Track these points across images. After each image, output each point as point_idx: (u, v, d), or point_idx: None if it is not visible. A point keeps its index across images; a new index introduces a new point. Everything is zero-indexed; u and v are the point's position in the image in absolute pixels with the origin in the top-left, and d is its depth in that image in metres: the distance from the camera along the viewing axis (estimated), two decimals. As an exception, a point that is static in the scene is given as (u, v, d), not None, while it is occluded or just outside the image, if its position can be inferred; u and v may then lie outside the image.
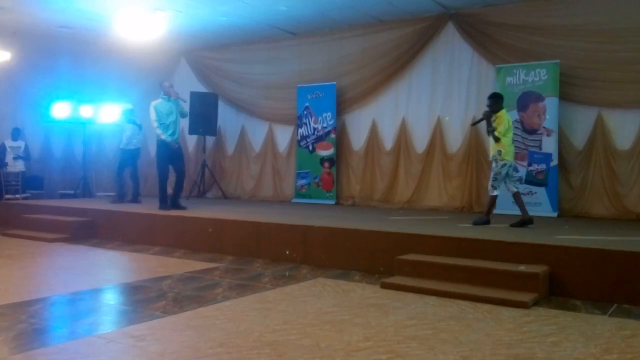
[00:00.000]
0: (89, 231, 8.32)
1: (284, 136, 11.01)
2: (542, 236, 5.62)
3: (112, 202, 9.66)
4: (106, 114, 11.84)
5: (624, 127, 7.82)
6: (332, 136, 10.14)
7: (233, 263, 6.38)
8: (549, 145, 8.07)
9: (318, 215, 7.91)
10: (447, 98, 9.10)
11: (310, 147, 10.37)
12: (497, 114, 6.54)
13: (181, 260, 6.62)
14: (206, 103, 11.14)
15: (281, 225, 6.72)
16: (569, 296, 4.71)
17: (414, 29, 9.39)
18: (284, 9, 9.08)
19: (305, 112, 10.41)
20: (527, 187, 8.16)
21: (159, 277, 5.53)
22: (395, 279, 5.18)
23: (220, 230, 7.18)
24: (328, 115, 10.15)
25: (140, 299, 4.64)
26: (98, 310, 4.44)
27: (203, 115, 11.00)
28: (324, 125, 10.20)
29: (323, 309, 4.30)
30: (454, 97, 9.08)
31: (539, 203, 8.05)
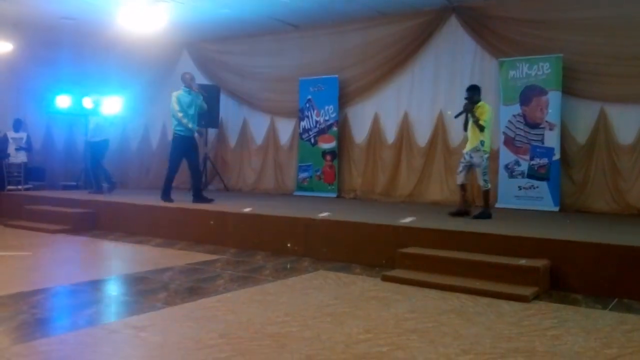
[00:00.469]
0: (91, 222, 8.35)
1: (286, 129, 11.00)
2: (543, 230, 5.62)
3: (107, 192, 9.76)
4: (108, 106, 11.83)
5: (627, 122, 7.79)
6: (334, 129, 10.12)
7: (235, 255, 6.40)
8: (552, 139, 8.05)
9: (320, 208, 7.91)
10: (450, 92, 9.07)
11: (312, 140, 10.37)
12: (478, 105, 6.57)
13: (183, 252, 6.64)
14: (208, 95, 11.06)
15: (283, 217, 6.73)
16: (570, 290, 4.72)
17: (417, 22, 9.35)
18: (287, 1, 9.05)
19: (307, 105, 10.40)
20: (529, 182, 8.15)
21: (161, 269, 5.55)
22: (396, 272, 5.19)
23: (222, 222, 7.19)
24: (330, 108, 10.14)
25: (141, 290, 4.66)
26: (100, 301, 4.46)
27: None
28: (326, 118, 10.19)
29: (324, 302, 4.31)
30: (457, 91, 9.01)
31: (541, 197, 8.05)
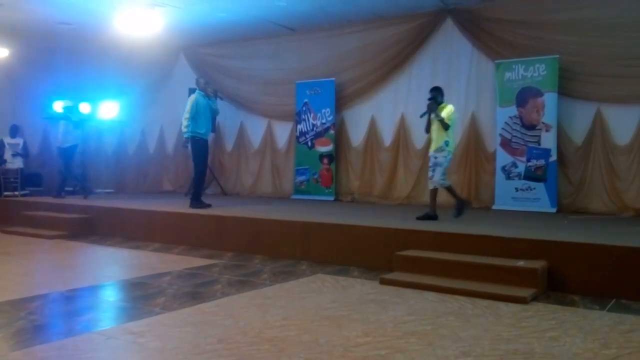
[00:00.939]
0: (88, 228, 8.33)
1: (283, 132, 11.01)
2: (541, 231, 5.63)
3: (85, 197, 10.00)
4: (105, 111, 11.84)
5: (623, 123, 7.82)
6: (331, 132, 10.13)
7: (232, 259, 6.39)
8: (548, 140, 8.07)
9: (317, 211, 7.91)
10: (446, 94, 8.96)
11: (309, 144, 10.37)
12: (442, 105, 6.67)
13: (180, 256, 6.62)
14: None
15: (280, 221, 6.73)
16: (568, 291, 4.72)
17: (413, 25, 9.38)
18: (283, 5, 9.06)
19: (304, 108, 10.41)
20: (526, 183, 8.17)
21: (159, 274, 5.54)
22: (394, 275, 5.18)
23: (219, 226, 7.18)
24: (327, 111, 10.15)
25: (139, 296, 4.64)
26: (97, 306, 4.45)
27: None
28: (323, 121, 10.20)
29: (322, 305, 4.31)
30: (453, 93, 9.02)
31: (538, 199, 8.06)
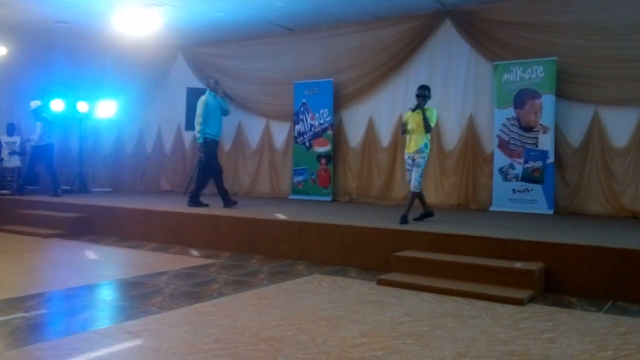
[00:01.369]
0: (85, 227, 8.31)
1: (281, 132, 10.99)
2: (538, 233, 5.63)
3: (54, 196, 10.06)
4: (103, 110, 11.82)
5: (620, 125, 7.82)
6: (329, 133, 10.13)
7: (229, 259, 6.38)
8: (546, 142, 8.08)
9: (315, 211, 7.91)
10: (444, 95, 9.09)
11: (307, 144, 10.37)
12: (426, 107, 6.52)
13: (178, 256, 6.62)
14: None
15: (278, 221, 6.73)
16: (565, 293, 4.73)
17: (411, 26, 9.38)
18: (281, 5, 9.05)
19: (302, 109, 10.40)
20: (523, 185, 8.18)
21: (156, 273, 5.53)
22: (391, 276, 5.19)
23: (217, 226, 7.17)
24: (325, 111, 10.14)
25: (136, 295, 4.64)
26: (94, 306, 4.44)
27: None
28: (321, 121, 10.19)
29: (319, 305, 4.31)
30: (451, 94, 9.07)
31: (535, 200, 8.07)
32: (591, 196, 7.96)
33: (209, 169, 8.19)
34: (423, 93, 6.54)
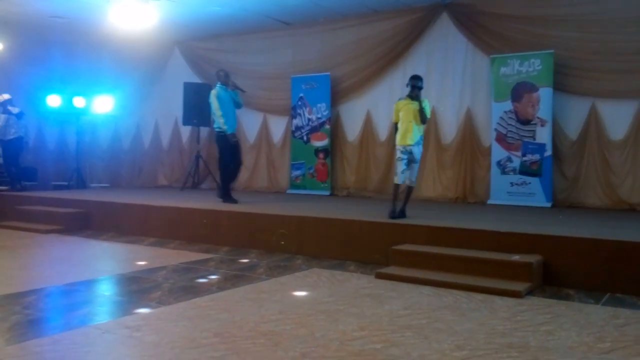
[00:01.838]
0: (83, 222, 8.30)
1: (279, 127, 10.98)
2: (536, 226, 5.65)
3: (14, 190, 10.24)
4: (99, 105, 11.79)
5: (618, 118, 7.83)
6: (327, 127, 10.12)
7: (228, 254, 6.39)
8: (543, 135, 8.08)
9: (313, 206, 7.91)
10: (442, 88, 9.08)
11: (304, 138, 10.35)
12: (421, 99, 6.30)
13: (176, 251, 6.62)
14: (200, 94, 11.06)
15: (276, 216, 6.73)
16: (563, 285, 4.74)
17: (409, 20, 9.36)
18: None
19: (299, 103, 10.38)
20: (521, 178, 8.19)
21: (154, 268, 5.53)
22: (390, 269, 5.20)
23: (215, 221, 7.17)
24: (322, 105, 10.13)
25: (135, 290, 4.64)
26: (93, 301, 4.45)
27: (197, 106, 10.92)
28: (319, 116, 10.18)
29: (318, 299, 4.32)
30: (448, 88, 9.07)
31: (533, 193, 8.08)
32: (589, 189, 7.98)
33: (222, 162, 8.07)
34: (418, 84, 6.31)
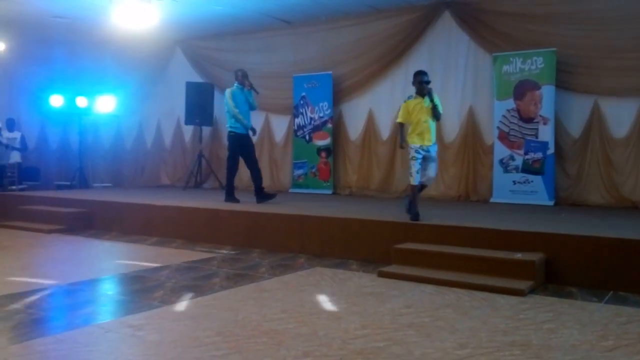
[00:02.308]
0: (86, 222, 8.32)
1: (281, 126, 10.98)
2: (539, 224, 5.64)
3: None
4: (102, 105, 11.82)
5: (620, 115, 7.81)
6: (329, 126, 10.11)
7: (230, 253, 6.39)
8: (546, 133, 8.07)
9: (315, 205, 7.91)
10: (444, 87, 9.06)
11: (307, 137, 10.35)
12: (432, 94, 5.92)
13: (179, 250, 6.62)
14: (202, 93, 11.10)
15: (278, 215, 6.73)
16: (565, 283, 4.74)
17: (410, 18, 9.34)
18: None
19: (301, 102, 10.38)
20: (524, 176, 8.18)
21: (157, 267, 5.54)
22: (392, 268, 5.20)
23: (217, 220, 7.18)
24: (324, 104, 10.12)
25: (138, 289, 4.65)
26: (96, 300, 4.45)
27: (199, 105, 10.95)
28: (321, 115, 10.18)
29: (320, 298, 4.32)
30: (451, 86, 9.05)
31: (535, 192, 8.07)
32: (592, 187, 7.96)
33: (228, 162, 8.06)
34: (424, 79, 5.93)
